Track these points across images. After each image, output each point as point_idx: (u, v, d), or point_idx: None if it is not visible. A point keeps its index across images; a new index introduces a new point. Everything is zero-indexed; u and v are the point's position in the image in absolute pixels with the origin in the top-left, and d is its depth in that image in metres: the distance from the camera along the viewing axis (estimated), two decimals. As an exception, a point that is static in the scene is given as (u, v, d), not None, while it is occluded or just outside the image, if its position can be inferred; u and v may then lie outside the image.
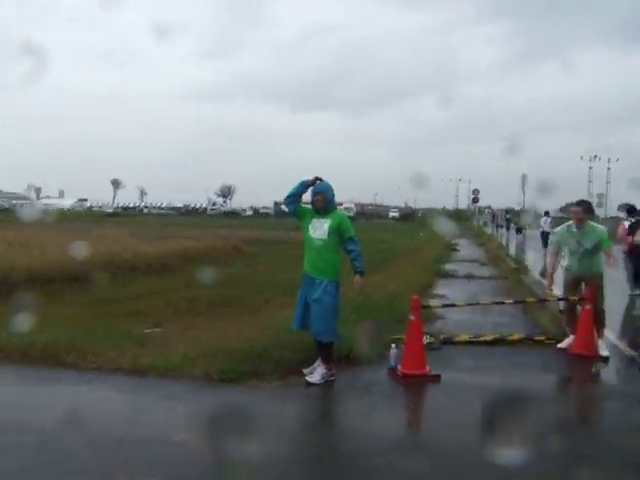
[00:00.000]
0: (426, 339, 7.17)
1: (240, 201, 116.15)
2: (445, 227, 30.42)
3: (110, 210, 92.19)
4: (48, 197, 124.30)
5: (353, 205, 79.28)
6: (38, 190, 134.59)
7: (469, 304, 8.78)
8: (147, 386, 5.85)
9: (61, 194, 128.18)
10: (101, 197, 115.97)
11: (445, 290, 12.86)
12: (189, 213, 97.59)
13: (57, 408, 5.24)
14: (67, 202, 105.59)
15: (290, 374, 6.15)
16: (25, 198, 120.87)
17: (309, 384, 5.96)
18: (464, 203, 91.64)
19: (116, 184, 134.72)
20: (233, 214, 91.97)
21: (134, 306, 10.28)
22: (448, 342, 7.80)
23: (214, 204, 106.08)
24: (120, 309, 9.96)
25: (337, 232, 5.93)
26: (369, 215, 67.62)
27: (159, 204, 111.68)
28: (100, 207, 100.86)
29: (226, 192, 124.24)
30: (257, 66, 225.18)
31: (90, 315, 9.15)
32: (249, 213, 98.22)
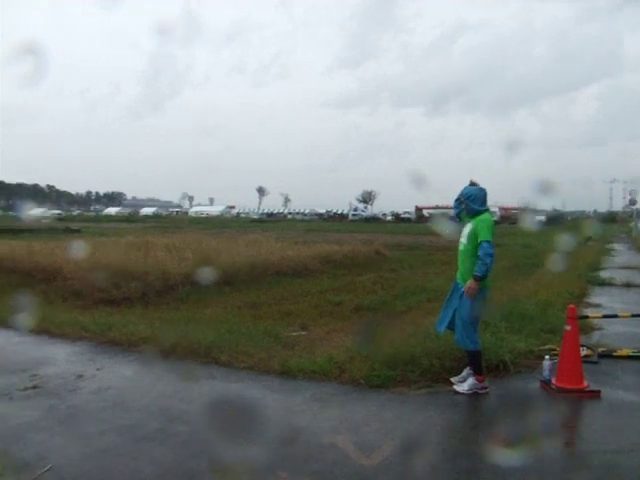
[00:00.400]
0: (583, 351, 6.79)
1: (381, 206, 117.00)
2: (598, 231, 28.32)
3: (256, 216, 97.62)
4: (199, 205, 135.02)
5: (497, 209, 76.61)
6: (191, 198, 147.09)
7: (634, 315, 8.11)
8: (296, 387, 6.10)
9: (211, 202, 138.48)
10: (248, 204, 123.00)
11: (601, 299, 12.12)
12: (331, 219, 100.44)
13: (211, 403, 5.68)
14: (216, 209, 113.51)
15: (437, 382, 6.15)
16: (179, 206, 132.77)
17: (457, 393, 5.90)
18: (618, 205, 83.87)
19: (261, 191, 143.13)
20: (374, 219, 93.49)
21: (281, 309, 10.83)
22: (607, 356, 7.28)
23: (355, 209, 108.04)
24: (268, 311, 10.57)
25: (474, 236, 5.78)
26: (513, 219, 64.70)
27: (302, 210, 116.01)
28: (247, 213, 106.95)
29: (367, 198, 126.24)
30: (396, 70, 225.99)
31: (240, 316, 9.81)
32: (390, 218, 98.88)
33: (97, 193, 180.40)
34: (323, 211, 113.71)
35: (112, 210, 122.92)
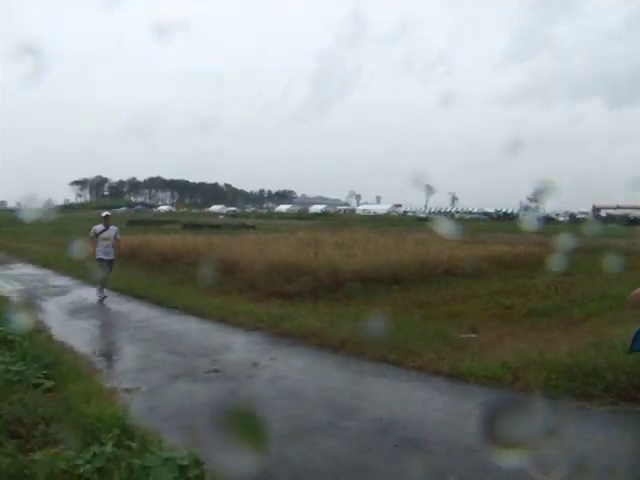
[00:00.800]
0: None
1: (555, 206, 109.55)
2: None
3: (422, 215, 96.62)
4: (366, 203, 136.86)
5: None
6: (358, 197, 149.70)
7: None
8: (466, 391, 5.95)
9: (378, 200, 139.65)
10: (414, 202, 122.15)
11: None
12: (500, 218, 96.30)
13: (381, 400, 5.72)
14: (383, 207, 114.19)
15: (624, 400, 5.61)
16: (347, 204, 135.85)
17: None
18: None
19: (429, 190, 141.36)
20: (547, 219, 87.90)
21: (449, 309, 10.60)
22: None
23: (526, 209, 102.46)
24: (436, 311, 10.39)
25: None
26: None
27: (470, 209, 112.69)
28: (414, 212, 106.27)
29: (539, 196, 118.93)
30: (571, 60, 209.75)
31: (408, 316, 9.77)
32: (563, 219, 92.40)
33: (269, 191, 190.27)
34: (492, 210, 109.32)
35: (283, 207, 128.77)
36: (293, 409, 5.37)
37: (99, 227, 11.74)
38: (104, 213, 12.44)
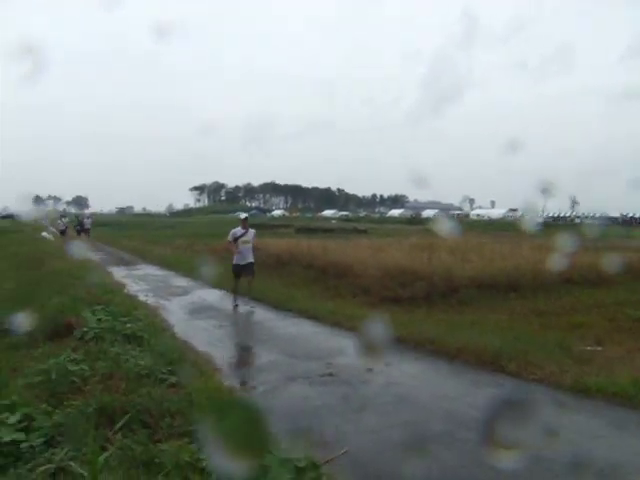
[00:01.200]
0: None
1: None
2: None
3: (540, 220, 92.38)
4: (480, 207, 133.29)
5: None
6: (471, 201, 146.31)
7: None
8: (591, 408, 5.59)
9: (492, 204, 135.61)
10: (531, 207, 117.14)
11: None
12: (627, 223, 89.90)
13: (500, 413, 5.49)
14: (498, 212, 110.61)
15: None
16: (460, 209, 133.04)
17: None
18: None
19: (546, 193, 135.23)
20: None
21: (571, 319, 10.01)
22: None
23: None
24: (557, 321, 9.86)
25: None
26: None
27: (592, 214, 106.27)
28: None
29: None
30: None
31: (527, 325, 9.36)
32: None
33: (381, 196, 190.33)
34: (617, 215, 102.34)
35: (395, 212, 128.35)
36: (407, 416, 5.29)
37: (238, 230, 11.37)
38: (242, 215, 12.13)
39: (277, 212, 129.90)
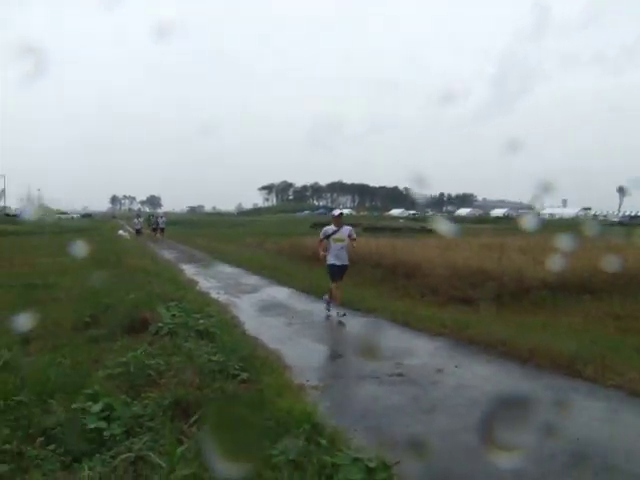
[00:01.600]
0: None
1: None
2: None
3: (616, 219, 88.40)
4: (551, 206, 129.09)
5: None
6: (542, 200, 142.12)
7: None
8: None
9: (564, 203, 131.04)
10: (606, 206, 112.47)
11: None
12: None
13: (576, 419, 5.27)
14: (570, 211, 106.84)
15: None
16: (529, 207, 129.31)
17: None
18: None
19: (622, 191, 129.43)
20: None
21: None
22: None
23: None
24: (635, 325, 9.36)
25: None
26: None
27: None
28: (604, 216, 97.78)
29: None
30: None
31: (603, 328, 8.98)
32: None
33: (449, 195, 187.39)
34: None
35: (463, 211, 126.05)
36: (479, 420, 5.15)
37: (330, 228, 10.27)
38: (336, 212, 11.03)
39: (344, 211, 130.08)
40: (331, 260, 10.04)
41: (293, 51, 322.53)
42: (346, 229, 10.25)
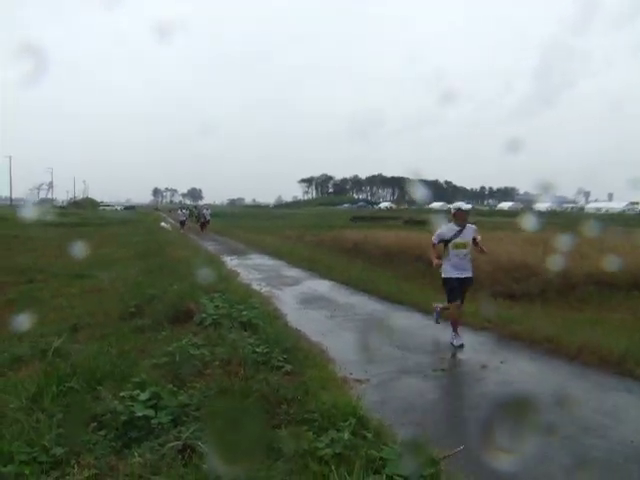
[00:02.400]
0: None
1: None
2: None
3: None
4: (596, 200, 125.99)
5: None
6: (587, 194, 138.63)
7: None
8: None
9: (610, 197, 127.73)
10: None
11: None
12: None
13: (630, 421, 5.10)
14: (617, 205, 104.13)
15: None
16: (574, 202, 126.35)
17: None
18: None
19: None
20: None
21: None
22: None
23: None
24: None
25: None
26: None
27: None
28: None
29: None
30: None
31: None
32: None
33: (490, 188, 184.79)
34: None
35: (505, 205, 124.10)
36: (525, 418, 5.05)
37: (448, 228, 7.67)
38: (463, 206, 7.86)
39: (384, 204, 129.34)
40: (449, 272, 7.55)
41: (337, 45, 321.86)
42: (470, 229, 7.72)
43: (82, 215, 55.82)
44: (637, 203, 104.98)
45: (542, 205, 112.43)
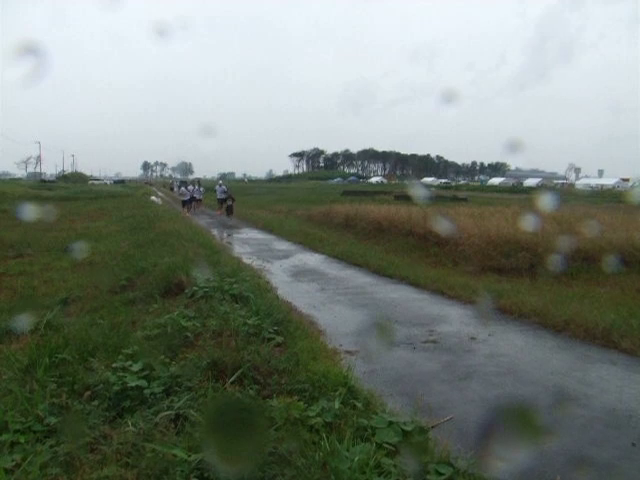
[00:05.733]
0: None
1: None
2: None
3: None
4: (587, 177, 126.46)
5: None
6: (577, 170, 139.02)
7: None
8: None
9: (600, 174, 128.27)
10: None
11: None
12: None
13: (613, 391, 5.21)
14: (607, 182, 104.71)
15: None
16: (564, 178, 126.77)
17: None
18: None
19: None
20: None
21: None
22: None
23: None
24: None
25: None
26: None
27: None
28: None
29: None
30: None
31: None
32: None
33: (482, 164, 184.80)
34: None
35: (496, 180, 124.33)
36: (514, 389, 5.16)
37: None
38: None
39: (375, 179, 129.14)
40: None
41: (327, 16, 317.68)
42: None
43: (71, 189, 55.33)
44: (627, 180, 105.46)
45: (532, 181, 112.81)
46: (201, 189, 30.02)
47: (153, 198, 40.65)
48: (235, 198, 26.02)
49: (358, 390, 4.40)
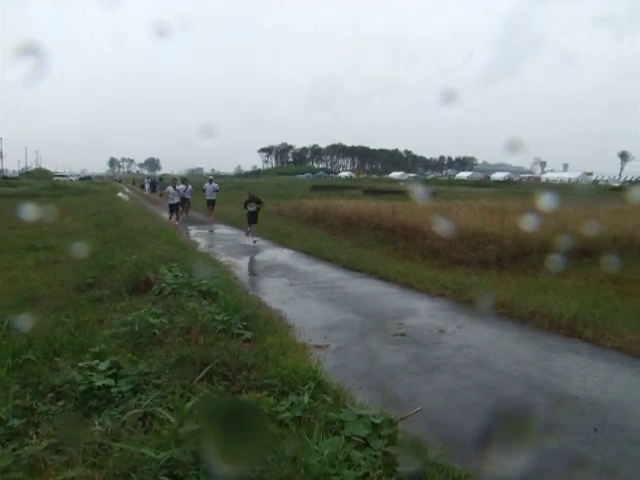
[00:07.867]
0: None
1: None
2: None
3: (616, 184, 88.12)
4: (552, 171, 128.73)
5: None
6: (543, 164, 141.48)
7: None
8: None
9: (565, 168, 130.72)
10: (608, 170, 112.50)
11: None
12: None
13: (576, 379, 5.32)
14: (571, 175, 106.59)
15: None
16: (531, 172, 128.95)
17: None
18: None
19: (624, 157, 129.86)
20: None
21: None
22: None
23: None
24: (635, 289, 9.44)
25: None
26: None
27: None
28: (606, 181, 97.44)
29: None
30: None
31: (603, 291, 9.02)
32: None
33: (449, 158, 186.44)
34: None
35: (464, 174, 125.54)
36: (482, 379, 5.23)
37: None
38: None
39: (344, 174, 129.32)
40: None
41: (294, 7, 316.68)
42: None
43: (35, 185, 54.10)
44: (591, 173, 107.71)
45: (499, 175, 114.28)
46: (189, 188, 23.08)
47: (120, 194, 40.00)
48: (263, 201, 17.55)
49: (327, 384, 4.41)
